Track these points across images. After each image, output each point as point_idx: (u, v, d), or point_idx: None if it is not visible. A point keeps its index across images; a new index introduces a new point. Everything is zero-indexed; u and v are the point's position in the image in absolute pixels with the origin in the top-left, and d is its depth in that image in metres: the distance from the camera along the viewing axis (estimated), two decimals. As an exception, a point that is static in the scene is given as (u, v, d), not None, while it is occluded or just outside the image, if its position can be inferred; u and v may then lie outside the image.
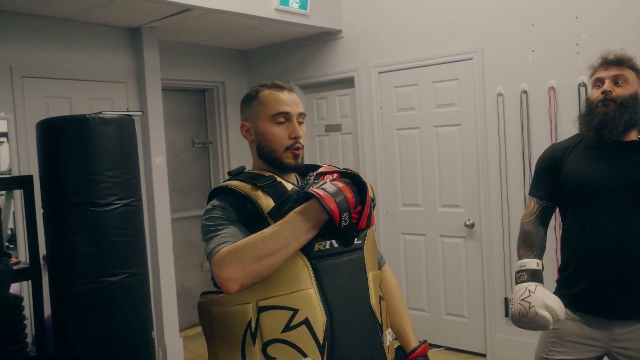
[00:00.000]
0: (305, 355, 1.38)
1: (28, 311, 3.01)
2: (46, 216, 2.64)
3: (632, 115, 1.97)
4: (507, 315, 3.93)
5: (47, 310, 2.76)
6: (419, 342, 1.72)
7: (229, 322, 1.41)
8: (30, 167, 3.53)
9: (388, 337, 1.57)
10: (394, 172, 4.45)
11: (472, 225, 4.06)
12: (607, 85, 2.00)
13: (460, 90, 4.06)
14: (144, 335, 2.73)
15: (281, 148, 1.54)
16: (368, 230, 1.54)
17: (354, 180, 1.37)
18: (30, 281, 2.84)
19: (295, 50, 4.97)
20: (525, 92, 3.74)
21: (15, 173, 3.58)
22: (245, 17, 4.04)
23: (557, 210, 2.22)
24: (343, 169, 1.55)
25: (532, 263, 2.06)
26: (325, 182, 1.35)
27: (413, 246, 4.39)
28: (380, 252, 1.74)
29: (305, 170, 1.63)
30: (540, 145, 3.69)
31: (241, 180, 1.50)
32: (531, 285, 1.97)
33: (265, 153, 1.57)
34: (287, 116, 1.54)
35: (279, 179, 1.51)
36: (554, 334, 2.11)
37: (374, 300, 1.51)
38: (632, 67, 2.03)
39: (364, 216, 1.34)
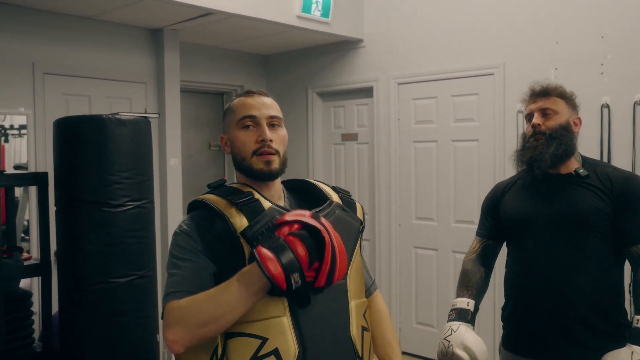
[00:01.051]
0: None
1: (37, 307, 3.03)
2: (59, 214, 2.66)
3: (559, 145, 1.91)
4: (517, 335, 3.87)
5: (55, 307, 2.77)
6: None
7: (195, 348, 1.28)
8: (47, 163, 3.56)
9: None
10: (408, 185, 4.41)
11: (486, 242, 4.00)
12: (536, 119, 1.96)
13: (479, 105, 4.02)
14: (149, 337, 2.73)
15: (249, 153, 1.42)
16: (354, 255, 1.44)
17: (311, 232, 1.22)
18: (40, 277, 2.86)
19: (315, 58, 4.97)
20: (546, 110, 3.68)
21: (32, 168, 3.61)
22: (267, 23, 4.04)
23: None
24: (332, 186, 1.53)
25: (462, 302, 2.01)
26: (275, 238, 1.21)
27: (425, 260, 4.35)
28: (372, 278, 1.63)
29: (295, 185, 1.55)
30: (558, 165, 3.64)
31: (218, 195, 1.39)
32: (455, 324, 1.92)
33: (238, 162, 1.46)
34: (253, 120, 1.43)
35: (257, 195, 1.38)
36: None
37: (354, 331, 1.39)
38: (561, 96, 1.98)
39: (321, 274, 1.21)
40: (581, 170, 1.93)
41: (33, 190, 3.47)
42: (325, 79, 4.91)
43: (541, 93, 1.99)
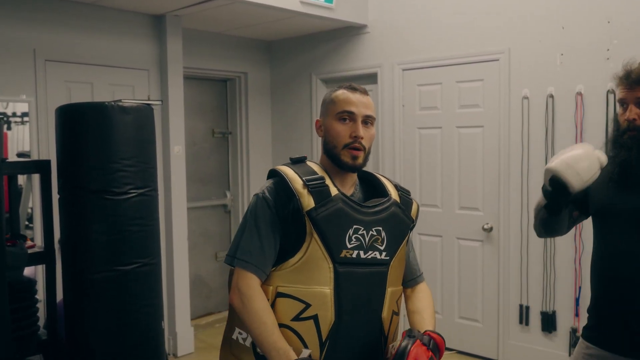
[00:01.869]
0: (306, 347, 1.50)
1: (41, 295, 3.04)
2: (62, 202, 2.65)
3: None
4: (521, 322, 3.87)
5: (60, 295, 2.78)
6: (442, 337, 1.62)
7: None
8: (50, 151, 3.55)
9: (391, 350, 1.60)
10: (413, 172, 4.39)
11: (490, 229, 4.00)
12: (630, 112, 1.74)
13: (484, 92, 3.99)
14: (154, 325, 2.73)
15: (340, 145, 1.58)
16: (400, 247, 1.63)
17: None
18: (44, 265, 2.86)
19: (319, 44, 4.93)
20: (551, 96, 3.65)
21: (34, 156, 3.60)
22: (271, 9, 4.01)
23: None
24: (395, 183, 1.71)
25: None
26: None
27: (429, 247, 4.34)
28: (419, 270, 1.78)
29: (363, 175, 1.71)
30: (564, 152, 3.61)
31: (296, 172, 1.57)
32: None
33: (328, 149, 1.61)
34: (351, 115, 1.58)
35: (328, 181, 1.56)
36: None
37: (385, 313, 1.60)
38: None
39: None
40: None
41: (36, 178, 3.47)
42: (329, 65, 4.88)
43: (638, 80, 1.73)
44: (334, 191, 1.55)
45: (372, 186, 1.70)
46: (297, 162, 1.63)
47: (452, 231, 4.21)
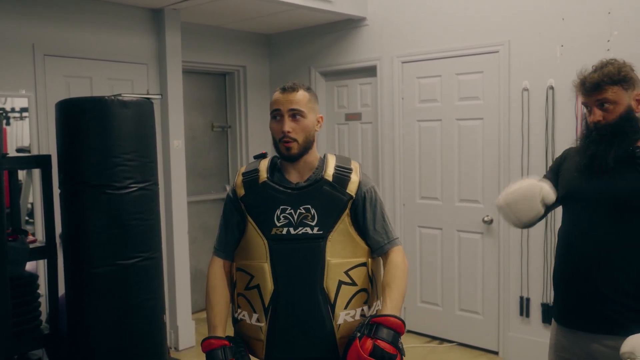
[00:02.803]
0: (255, 312, 1.81)
1: (43, 289, 3.04)
2: (63, 196, 2.65)
3: (621, 142, 1.85)
4: (521, 314, 3.88)
5: (62, 289, 2.78)
6: (393, 316, 1.72)
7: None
8: (50, 146, 3.55)
9: (345, 317, 1.79)
10: (413, 164, 4.39)
11: (491, 221, 4.00)
12: (594, 115, 1.88)
13: (484, 84, 3.98)
14: (155, 319, 2.74)
15: (277, 139, 1.85)
16: (339, 222, 1.81)
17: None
18: (45, 260, 2.86)
19: (318, 37, 4.92)
20: (551, 87, 3.65)
21: (34, 151, 3.60)
22: (269, 2, 3.99)
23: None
24: (337, 164, 1.88)
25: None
26: None
27: (429, 240, 4.35)
28: (389, 237, 1.88)
29: (320, 165, 1.90)
30: (564, 143, 3.59)
31: (246, 168, 1.92)
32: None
33: (273, 144, 1.89)
34: (279, 113, 1.83)
35: (261, 172, 1.86)
36: (552, 345, 2.09)
37: (329, 283, 1.78)
38: (617, 82, 1.85)
39: None
40: (632, 149, 1.86)
41: (36, 173, 3.47)
42: (328, 58, 4.87)
43: (593, 89, 1.87)
44: (262, 179, 1.84)
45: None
46: (257, 158, 1.96)
47: (452, 223, 4.22)
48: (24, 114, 3.66)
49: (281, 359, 1.82)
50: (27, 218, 3.66)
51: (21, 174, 3.54)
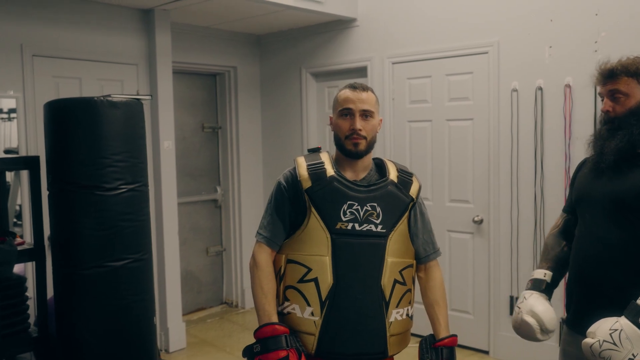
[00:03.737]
0: (309, 305, 1.80)
1: (31, 292, 3.02)
2: (51, 198, 2.63)
3: (624, 137, 1.84)
4: (512, 313, 3.90)
5: (50, 292, 2.76)
6: (449, 334, 1.92)
7: (275, 264, 1.92)
8: (38, 147, 3.52)
9: (396, 315, 1.85)
10: (403, 165, 4.39)
11: (481, 221, 4.02)
12: (605, 105, 1.91)
13: (474, 84, 4.00)
14: (145, 321, 2.72)
15: (343, 136, 1.88)
16: (399, 222, 1.87)
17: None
18: (34, 262, 2.84)
19: (308, 38, 4.92)
20: (540, 88, 3.67)
21: (22, 152, 3.57)
22: (260, 2, 3.99)
23: None
24: (399, 167, 1.99)
25: (539, 273, 2.09)
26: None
27: (420, 240, 4.36)
28: (434, 250, 2.03)
29: (379, 162, 1.99)
30: (553, 144, 3.64)
31: (305, 160, 1.91)
32: (527, 292, 2.02)
33: (336, 141, 1.92)
34: (350, 111, 1.87)
35: (327, 165, 1.88)
36: (561, 349, 2.07)
37: (385, 280, 1.82)
38: (632, 75, 1.86)
39: None
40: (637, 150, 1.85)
41: (24, 174, 3.44)
42: (319, 59, 4.87)
43: (608, 76, 1.89)
44: (329, 173, 1.85)
45: (382, 170, 1.97)
46: (312, 151, 1.96)
47: (443, 223, 4.23)
48: (12, 115, 3.63)
49: (332, 353, 1.82)
50: (15, 220, 3.63)
51: (9, 176, 3.51)
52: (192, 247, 5.05)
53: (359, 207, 1.82)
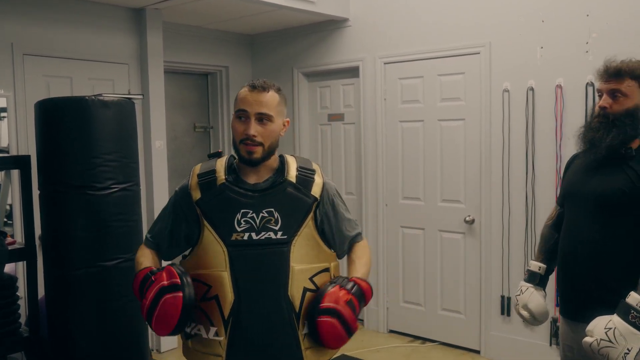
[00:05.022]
0: (213, 325, 1.66)
1: (22, 292, 3.00)
2: (42, 197, 2.63)
3: (618, 135, 1.92)
4: (503, 312, 3.92)
5: (41, 292, 2.75)
6: (367, 282, 1.76)
7: None
8: (29, 146, 3.50)
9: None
10: (395, 165, 4.41)
11: (472, 221, 4.04)
12: (604, 101, 1.97)
13: (466, 85, 4.01)
14: (137, 320, 2.72)
15: (237, 140, 1.72)
16: (303, 226, 1.72)
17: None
18: (25, 262, 2.83)
19: (300, 38, 4.92)
20: (532, 89, 3.69)
21: (13, 152, 3.55)
22: (252, 2, 3.98)
23: None
24: (299, 165, 1.80)
25: (534, 266, 2.27)
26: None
27: (412, 240, 4.37)
28: (351, 234, 1.87)
29: (282, 162, 1.81)
30: (544, 144, 3.66)
31: (200, 168, 1.77)
32: (524, 285, 2.25)
33: (232, 143, 1.76)
34: (245, 113, 1.69)
35: (219, 174, 1.73)
36: (560, 337, 2.22)
37: (294, 291, 1.67)
38: (636, 77, 1.93)
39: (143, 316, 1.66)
40: (624, 150, 1.94)
41: (15, 173, 3.42)
42: (311, 59, 4.87)
43: (613, 74, 1.95)
44: (220, 180, 1.71)
45: (283, 170, 1.80)
46: (212, 157, 1.82)
47: (435, 224, 4.24)
48: (3, 114, 3.60)
49: None
50: (5, 219, 3.61)
51: (0, 175, 3.49)
52: (184, 247, 5.03)
53: (254, 214, 1.68)
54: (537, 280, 2.23)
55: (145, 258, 1.81)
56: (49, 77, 3.76)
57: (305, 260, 1.70)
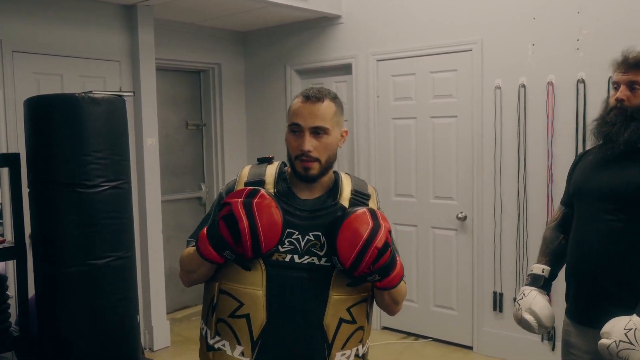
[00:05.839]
0: (239, 344, 1.56)
1: (12, 290, 2.99)
2: (32, 195, 2.60)
3: (637, 129, 1.84)
4: (495, 309, 3.94)
5: (32, 290, 2.73)
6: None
7: (207, 290, 1.67)
8: (19, 144, 3.48)
9: (341, 358, 1.59)
10: (388, 162, 4.41)
11: (464, 218, 4.04)
12: (621, 93, 1.87)
13: (458, 82, 4.02)
14: (129, 319, 2.70)
15: (293, 156, 1.60)
16: None
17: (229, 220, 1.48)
18: (14, 260, 2.81)
19: (293, 35, 4.91)
20: (523, 86, 3.70)
21: (2, 149, 3.53)
22: (243, -1, 3.97)
23: None
24: (353, 188, 1.66)
25: (537, 268, 2.11)
26: (215, 221, 1.53)
27: (404, 237, 4.38)
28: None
29: (336, 180, 1.66)
30: (535, 141, 3.67)
31: (249, 173, 1.66)
32: (527, 289, 2.07)
33: (287, 157, 1.64)
34: (298, 127, 1.58)
35: (268, 185, 1.61)
36: (562, 340, 2.11)
37: (329, 320, 1.56)
38: None
39: (246, 249, 1.48)
40: None
41: (5, 172, 3.39)
42: (303, 56, 4.86)
43: (633, 65, 1.86)
44: (268, 190, 1.59)
45: (337, 190, 1.67)
46: (261, 162, 1.70)
47: (427, 220, 4.25)
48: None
49: None
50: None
51: (-11, 173, 3.46)
52: (177, 245, 5.02)
53: (299, 236, 1.56)
54: (541, 283, 2.07)
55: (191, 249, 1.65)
56: (39, 74, 3.74)
57: (345, 290, 1.58)
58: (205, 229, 1.55)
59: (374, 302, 1.73)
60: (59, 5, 3.81)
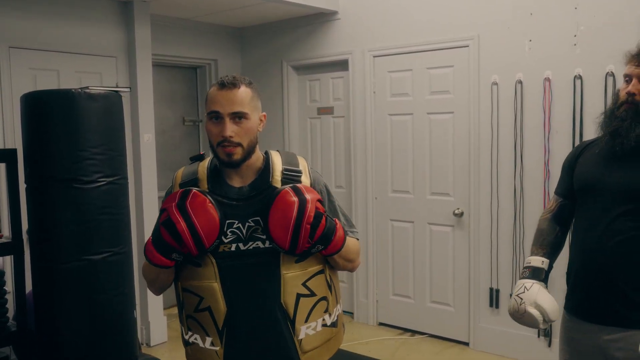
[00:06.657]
0: (208, 336, 1.65)
1: (9, 286, 2.99)
2: (29, 191, 2.60)
3: None
4: (491, 305, 3.95)
5: (29, 286, 2.73)
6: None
7: (175, 291, 1.75)
8: (16, 140, 3.47)
9: (307, 331, 1.66)
10: (384, 158, 4.42)
11: (461, 214, 4.05)
12: (633, 86, 1.80)
13: (454, 78, 4.02)
14: (125, 314, 2.70)
15: (215, 143, 1.63)
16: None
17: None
18: (12, 256, 2.81)
19: (289, 30, 4.90)
20: (520, 82, 3.71)
21: (0, 146, 3.52)
22: (240, -5, 3.97)
23: None
24: (284, 167, 1.69)
25: (536, 261, 2.03)
26: (157, 227, 1.60)
27: (401, 233, 4.39)
28: (350, 228, 1.80)
29: (265, 166, 1.69)
30: (532, 137, 3.68)
31: (182, 175, 1.73)
32: (528, 282, 1.98)
33: (210, 146, 1.67)
34: (217, 114, 1.61)
35: (201, 182, 1.67)
36: (562, 337, 2.07)
37: (287, 298, 1.63)
38: None
39: (190, 248, 1.54)
40: None
41: (1, 167, 3.39)
42: (300, 52, 4.86)
43: None
44: (202, 190, 1.63)
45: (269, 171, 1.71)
46: (193, 160, 1.75)
47: (424, 216, 4.26)
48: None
49: None
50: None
51: (-14, 169, 3.46)
52: (174, 241, 5.03)
53: (240, 224, 1.61)
54: (543, 276, 1.99)
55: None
56: (35, 70, 3.73)
57: (296, 266, 1.63)
58: (149, 238, 1.62)
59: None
60: (55, 1, 3.80)
